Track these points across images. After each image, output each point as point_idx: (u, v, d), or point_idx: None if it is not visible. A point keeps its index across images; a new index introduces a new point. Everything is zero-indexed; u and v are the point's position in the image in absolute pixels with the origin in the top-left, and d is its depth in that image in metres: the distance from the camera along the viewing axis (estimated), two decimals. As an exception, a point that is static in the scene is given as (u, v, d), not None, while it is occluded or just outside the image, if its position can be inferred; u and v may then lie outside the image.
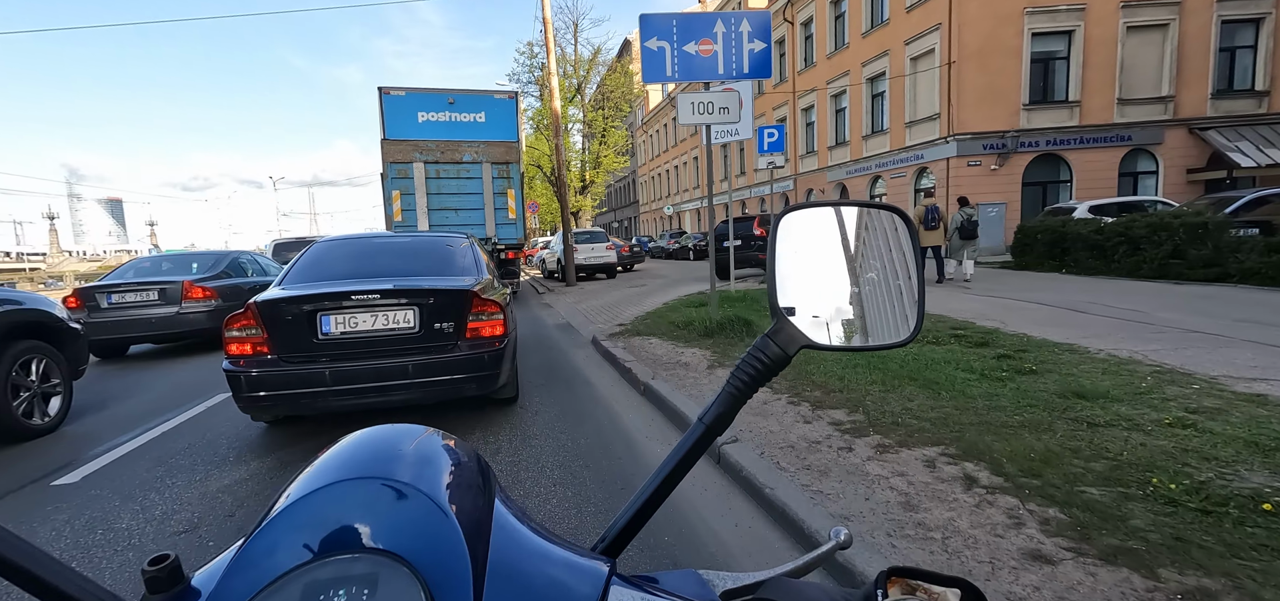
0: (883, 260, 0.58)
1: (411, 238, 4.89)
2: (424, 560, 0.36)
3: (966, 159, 18.02)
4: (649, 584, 0.44)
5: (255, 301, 3.39)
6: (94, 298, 7.15)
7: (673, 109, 44.49)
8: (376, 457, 0.45)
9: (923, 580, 0.41)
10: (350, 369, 3.37)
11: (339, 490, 0.40)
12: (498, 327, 3.68)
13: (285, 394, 3.34)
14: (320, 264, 4.06)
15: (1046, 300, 7.88)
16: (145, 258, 8.84)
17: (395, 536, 0.37)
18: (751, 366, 0.52)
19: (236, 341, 3.37)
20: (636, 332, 7.05)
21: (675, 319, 7.65)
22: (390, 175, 11.80)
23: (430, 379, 3.48)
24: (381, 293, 3.41)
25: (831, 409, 3.69)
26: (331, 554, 0.36)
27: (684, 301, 9.60)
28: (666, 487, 0.52)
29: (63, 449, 3.91)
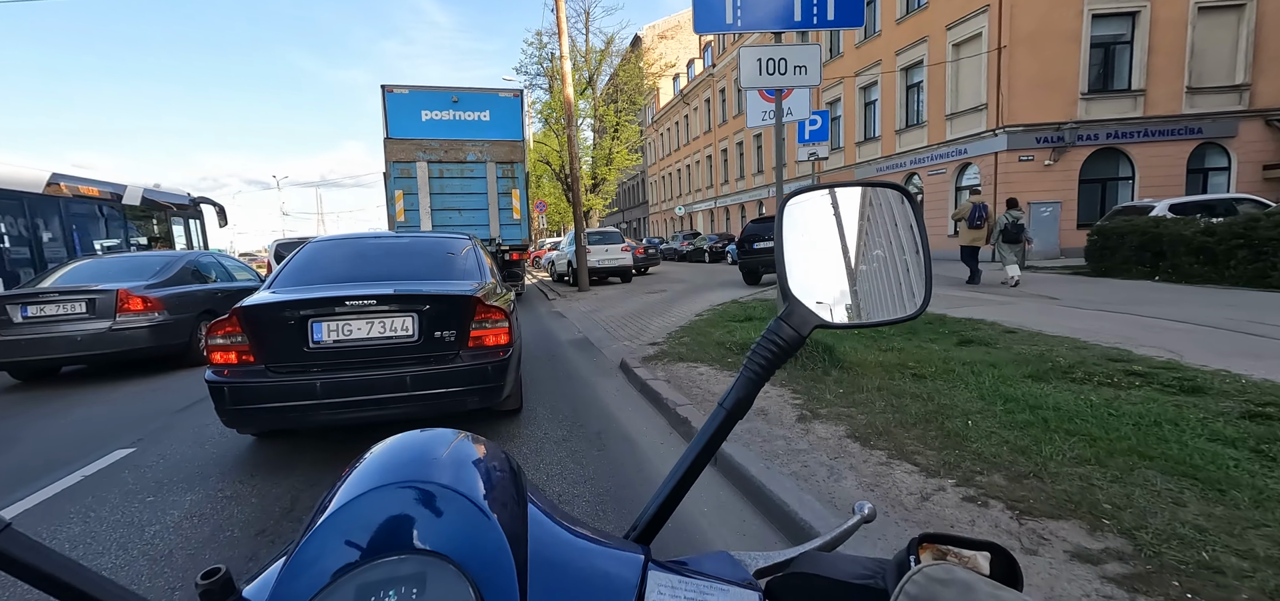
0: (888, 237, 0.59)
1: (410, 238, 4.57)
2: (469, 559, 0.37)
3: (1017, 153, 16.41)
4: (683, 568, 0.45)
5: (240, 306, 3.14)
6: (4, 310, 5.79)
7: (685, 107, 43.08)
8: (414, 462, 0.45)
9: (952, 544, 0.41)
10: (343, 380, 3.14)
11: (381, 495, 0.41)
12: (502, 336, 3.43)
13: (273, 407, 3.10)
14: (313, 266, 3.79)
15: (1180, 316, 6.33)
16: (88, 261, 7.53)
17: (440, 537, 0.38)
18: (768, 349, 0.53)
19: (220, 350, 3.12)
20: (677, 356, 5.57)
21: (720, 338, 6.17)
22: (393, 174, 11.48)
23: (430, 391, 3.24)
24: (378, 298, 3.17)
25: (1050, 518, 2.20)
26: (379, 556, 0.37)
27: (723, 313, 8.11)
28: (693, 473, 0.53)
29: None
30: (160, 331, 6.36)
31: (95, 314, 6.02)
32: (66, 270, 7.07)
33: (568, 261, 16.83)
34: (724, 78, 35.24)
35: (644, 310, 9.86)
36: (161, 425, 4.41)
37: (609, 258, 16.40)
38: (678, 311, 9.20)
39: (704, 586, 0.43)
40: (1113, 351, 4.73)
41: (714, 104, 37.41)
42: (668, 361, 5.41)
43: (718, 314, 8.11)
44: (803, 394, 4.04)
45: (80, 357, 6.13)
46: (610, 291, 14.27)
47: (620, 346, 6.67)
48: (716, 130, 37.30)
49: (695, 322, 7.54)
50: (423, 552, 0.38)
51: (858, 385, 4.11)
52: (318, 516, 0.42)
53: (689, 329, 7.10)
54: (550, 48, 23.90)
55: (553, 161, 25.83)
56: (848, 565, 0.44)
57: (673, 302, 10.37)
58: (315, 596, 0.35)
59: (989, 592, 0.32)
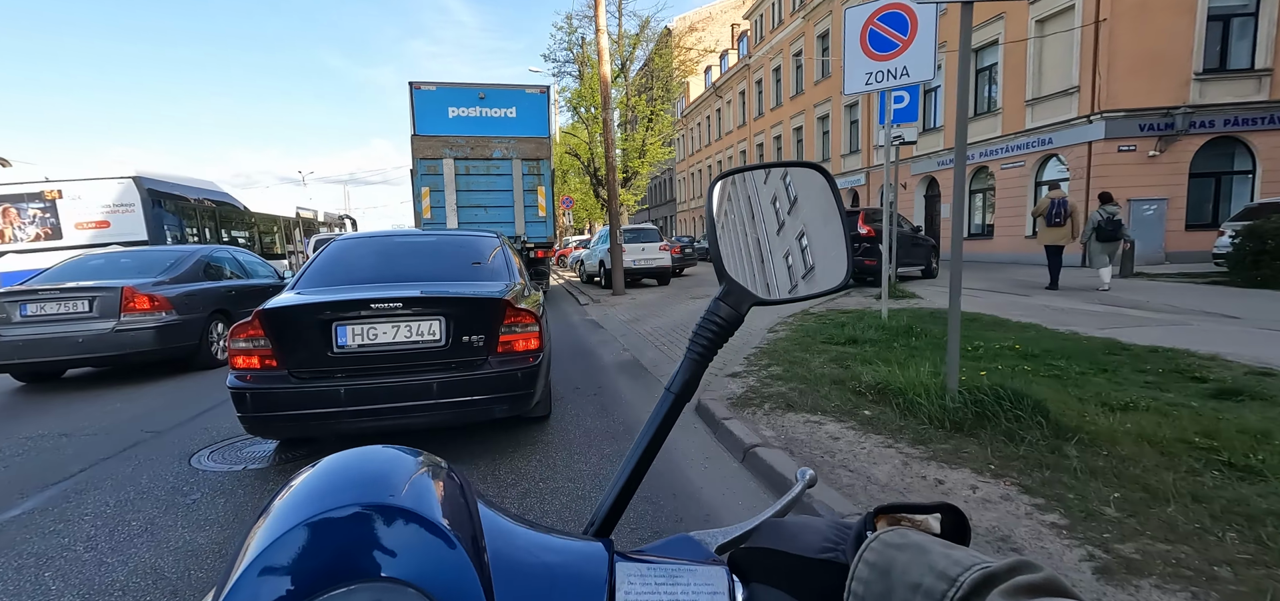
0: (810, 214, 0.61)
1: (437, 237, 4.40)
2: (428, 579, 0.34)
3: (1117, 143, 14.28)
4: (647, 555, 0.45)
5: (262, 309, 3.00)
6: (4, 308, 5.36)
7: (717, 100, 41.23)
8: (350, 484, 0.41)
9: (906, 511, 0.43)
10: (368, 387, 3.00)
11: (317, 523, 0.37)
12: (532, 341, 3.25)
13: (295, 415, 2.97)
14: (338, 266, 3.64)
15: None
16: (95, 254, 6.99)
17: (391, 561, 0.35)
18: (708, 329, 0.53)
19: (242, 353, 2.98)
20: (780, 400, 3.93)
21: (830, 372, 4.51)
22: (420, 172, 11.35)
23: (457, 399, 3.08)
24: (404, 301, 3.02)
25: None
26: (322, 592, 0.33)
27: (803, 330, 6.42)
28: (645, 462, 0.53)
29: None
30: (167, 333, 5.82)
31: (98, 313, 5.51)
32: (70, 263, 6.51)
33: (600, 261, 15.29)
34: (761, 68, 33.33)
35: (695, 321, 8.21)
36: (99, 465, 2.98)
37: (645, 257, 14.82)
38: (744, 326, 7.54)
39: (672, 568, 0.42)
40: None
41: (749, 96, 35.51)
42: (769, 409, 3.78)
43: (799, 331, 6.44)
44: (1046, 496, 2.37)
45: (82, 360, 5.64)
46: (648, 295, 12.68)
47: (686, 376, 5.08)
48: (752, 123, 35.41)
49: (775, 343, 5.89)
50: (375, 580, 0.34)
51: (1131, 479, 2.43)
52: (243, 556, 0.36)
53: (772, 353, 5.45)
54: (581, 32, 22.48)
55: (582, 153, 24.37)
56: (809, 535, 0.44)
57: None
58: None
59: (941, 550, 0.33)
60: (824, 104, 26.89)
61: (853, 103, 24.57)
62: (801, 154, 29.50)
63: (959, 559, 0.32)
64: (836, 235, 0.60)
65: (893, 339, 5.43)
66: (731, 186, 0.61)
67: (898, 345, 5.18)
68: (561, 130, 29.61)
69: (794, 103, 29.76)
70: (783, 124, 31.28)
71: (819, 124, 27.77)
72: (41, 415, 4.66)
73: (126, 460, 3.48)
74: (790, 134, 30.56)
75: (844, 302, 9.13)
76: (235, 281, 7.21)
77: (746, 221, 0.60)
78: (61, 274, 6.17)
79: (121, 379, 5.95)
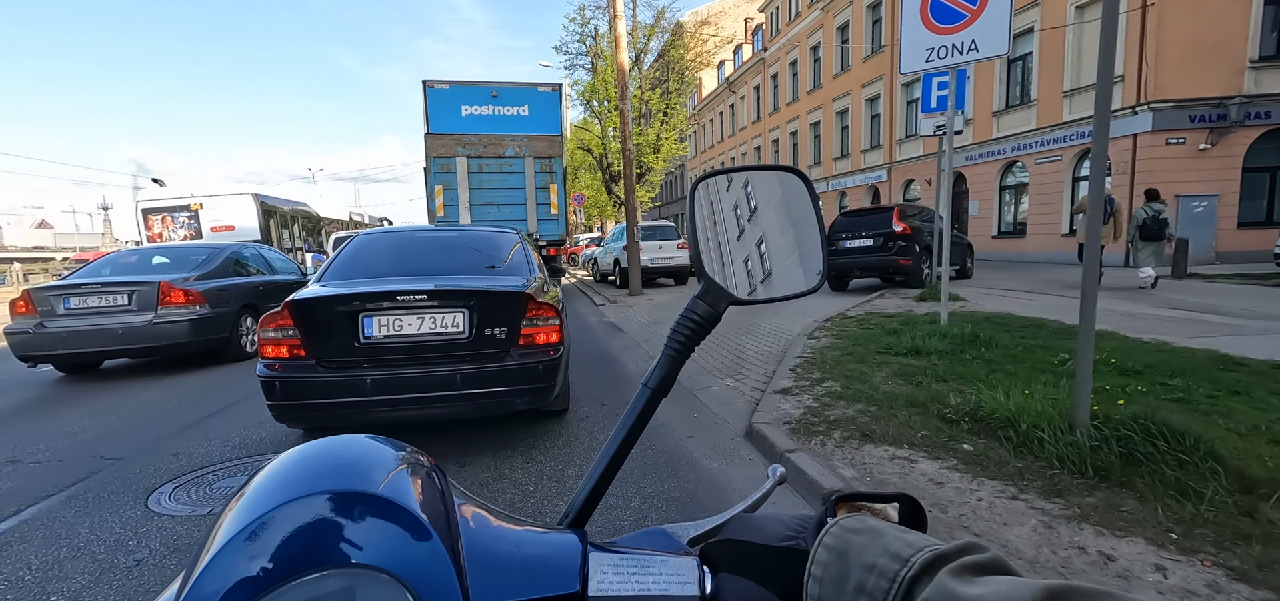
0: (787, 217, 0.62)
1: (458, 232, 4.53)
2: (402, 566, 0.34)
3: (1165, 134, 13.43)
4: (620, 546, 0.45)
5: (292, 300, 3.04)
6: (49, 301, 5.62)
7: (731, 95, 40.42)
8: (325, 471, 0.41)
9: (866, 500, 0.44)
10: (394, 377, 3.04)
11: (292, 508, 0.36)
12: (553, 334, 3.27)
13: (323, 404, 3.02)
14: (361, 260, 3.69)
15: None
16: (129, 250, 7.38)
17: (364, 548, 0.35)
18: (686, 327, 0.54)
19: (271, 343, 3.04)
20: (850, 426, 3.28)
21: (903, 391, 3.86)
22: (433, 170, 11.45)
23: (480, 390, 3.11)
24: (429, 293, 3.05)
25: None
26: (297, 576, 0.33)
27: (849, 337, 5.76)
28: (620, 456, 0.53)
29: None
30: (201, 325, 6.04)
31: (137, 306, 5.78)
32: (107, 258, 6.86)
33: (614, 259, 14.68)
34: (777, 62, 32.53)
35: (724, 325, 7.59)
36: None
37: (662, 256, 14.18)
38: (773, 329, 6.91)
39: (644, 559, 0.43)
40: None
41: (765, 91, 34.71)
42: (841, 438, 3.13)
43: (845, 338, 5.79)
44: (1273, 586, 1.72)
45: (120, 352, 5.85)
46: (666, 295, 12.04)
47: (728, 391, 4.44)
48: (767, 119, 34.63)
49: (822, 353, 5.24)
50: (348, 566, 0.34)
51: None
52: (213, 541, 0.36)
53: (822, 364, 4.80)
54: (594, 23, 21.84)
55: (594, 148, 23.76)
56: (774, 526, 0.45)
57: (758, 316, 8.07)
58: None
59: (896, 535, 0.35)
60: (842, 98, 26.07)
61: (874, 96, 23.75)
62: (820, 149, 28.71)
63: (912, 541, 0.33)
64: (814, 238, 0.61)
65: (959, 349, 4.77)
66: (713, 188, 0.62)
67: (968, 356, 4.52)
68: (573, 125, 29.08)
69: (811, 97, 28.95)
70: (799, 119, 30.49)
71: (837, 119, 26.96)
72: (5, 428, 4.12)
73: (71, 501, 2.90)
74: (807, 129, 29.77)
75: (882, 305, 8.45)
76: (261, 277, 7.34)
77: (727, 223, 0.61)
78: (100, 268, 6.38)
79: (115, 377, 5.93)
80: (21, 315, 5.62)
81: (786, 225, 0.61)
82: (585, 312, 10.39)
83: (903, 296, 9.41)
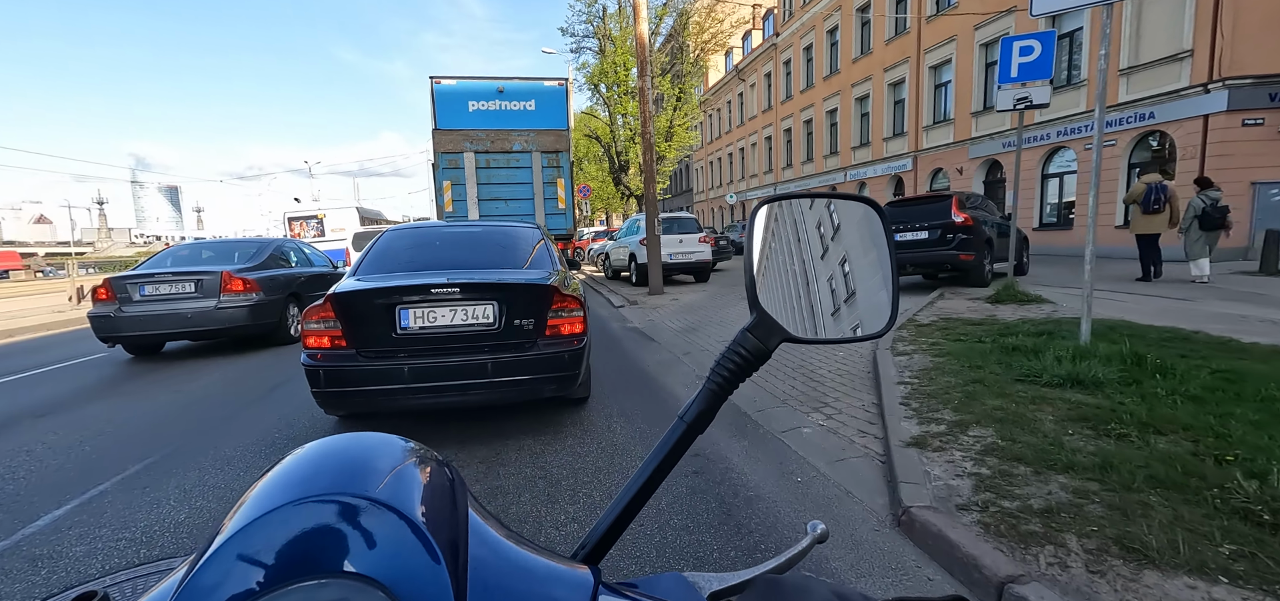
0: (858, 253, 0.59)
1: (482, 228, 4.43)
2: (398, 581, 0.33)
3: (1241, 116, 12.13)
4: (634, 590, 0.43)
5: (333, 293, 3.21)
6: (126, 289, 6.30)
7: (740, 84, 39.00)
8: (337, 471, 0.40)
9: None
10: (429, 365, 3.16)
11: (294, 510, 0.36)
12: (577, 324, 3.40)
13: (363, 391, 3.14)
14: (392, 254, 3.82)
15: None
16: (184, 245, 8.15)
17: (364, 558, 0.34)
18: (731, 362, 0.51)
19: (314, 334, 3.18)
20: (1086, 523, 2.04)
21: (1101, 446, 2.62)
22: (441, 165, 11.55)
23: (509, 378, 3.23)
24: (462, 286, 3.18)
25: None
26: (291, 581, 0.32)
27: (956, 353, 4.52)
28: (648, 491, 0.51)
29: None
30: (257, 311, 6.59)
31: (202, 293, 6.35)
32: (164, 252, 7.45)
33: (630, 254, 13.45)
34: (790, 47, 31.17)
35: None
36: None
37: (683, 251, 12.95)
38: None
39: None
40: None
41: (776, 78, 33.36)
42: (1085, 548, 1.90)
43: (948, 356, 4.57)
44: None
45: (187, 334, 6.38)
46: (691, 295, 10.82)
47: (823, 433, 3.22)
48: (779, 108, 33.29)
49: (933, 376, 4.03)
50: (344, 575, 0.33)
51: None
52: (218, 535, 0.36)
53: (942, 394, 3.58)
54: (601, 2, 20.51)
55: (603, 135, 22.48)
56: (805, 598, 0.41)
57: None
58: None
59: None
60: (863, 84, 24.73)
61: (898, 80, 22.42)
62: (836, 138, 27.41)
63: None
64: (884, 277, 0.58)
65: (1132, 377, 3.55)
66: (776, 212, 0.59)
67: (1159, 390, 3.29)
68: (578, 113, 27.87)
69: (827, 83, 27.61)
70: (814, 107, 29.14)
71: (857, 105, 25.63)
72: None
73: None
74: (823, 117, 28.43)
75: (952, 308, 7.21)
76: (301, 269, 7.90)
77: (788, 252, 0.57)
78: (162, 260, 7.09)
79: (179, 358, 6.64)
80: (103, 301, 6.23)
81: (855, 259, 0.58)
82: (605, 316, 9.17)
83: (969, 297, 8.18)
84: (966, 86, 18.99)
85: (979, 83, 18.58)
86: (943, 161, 20.51)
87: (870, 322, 0.57)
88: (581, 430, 3.57)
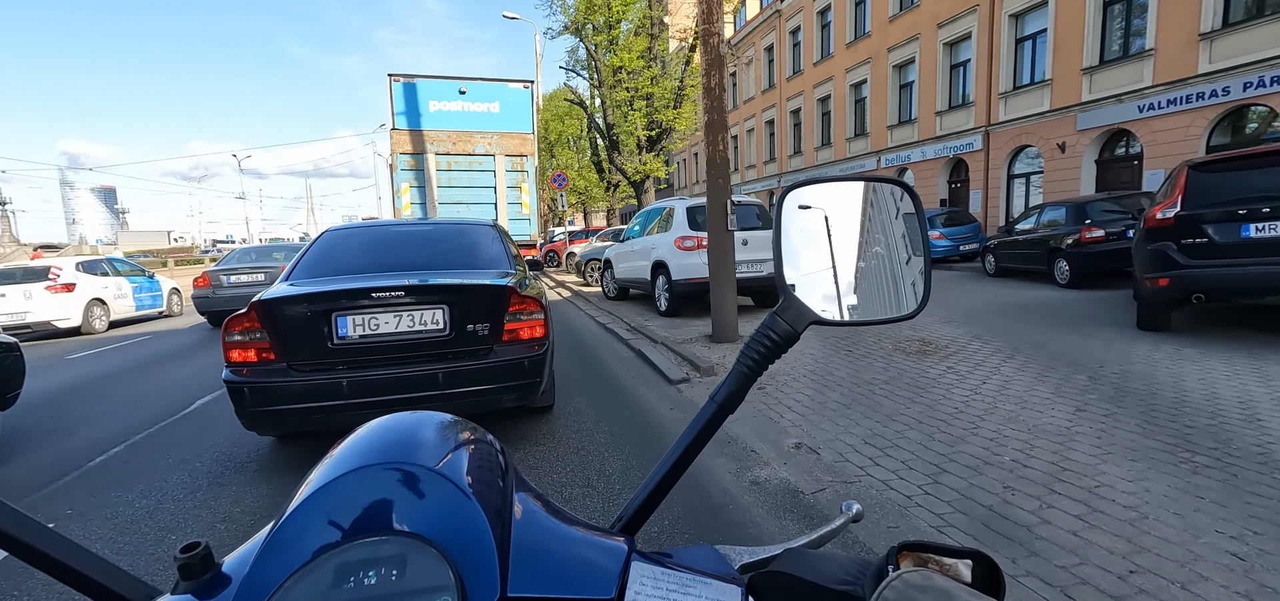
0: (888, 234, 0.59)
1: (433, 226, 4.29)
2: (450, 542, 0.37)
3: None
4: (667, 560, 0.45)
5: (259, 300, 2.90)
6: (218, 278, 9.11)
7: (734, 61, 34.14)
8: (398, 443, 0.45)
9: (934, 553, 0.41)
10: (371, 378, 2.92)
11: (365, 475, 0.41)
12: (538, 328, 3.21)
13: (295, 409, 2.86)
14: (332, 256, 3.54)
15: None
16: (252, 247, 10.30)
17: (421, 519, 0.38)
18: (761, 344, 0.52)
19: (238, 347, 2.88)
20: None
21: None
22: (400, 166, 11.56)
23: (464, 389, 3.03)
24: (407, 289, 2.93)
25: None
26: (361, 536, 0.37)
27: None
28: (681, 466, 0.52)
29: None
30: None
31: (268, 282, 8.26)
32: (238, 250, 10.48)
33: (656, 264, 8.13)
34: (799, 12, 26.38)
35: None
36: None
37: (750, 258, 7.72)
38: None
39: (686, 579, 0.42)
40: None
41: (780, 52, 28.57)
42: None
43: None
44: None
45: None
46: (792, 350, 5.56)
47: None
48: (784, 85, 28.53)
49: None
50: (404, 534, 0.37)
51: None
52: (299, 494, 0.41)
53: None
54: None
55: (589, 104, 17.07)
56: (830, 566, 0.43)
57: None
58: (294, 572, 0.35)
59: (968, 598, 0.32)
60: (905, 46, 20.05)
61: (961, 36, 17.78)
62: (865, 116, 22.71)
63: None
64: (915, 258, 0.58)
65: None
66: (804, 197, 0.59)
67: None
68: (546, 96, 23.34)
69: (851, 51, 22.89)
70: (833, 80, 24.37)
71: (895, 74, 20.96)
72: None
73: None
74: (846, 92, 23.67)
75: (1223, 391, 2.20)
76: None
77: (816, 236, 0.57)
78: (241, 257, 9.88)
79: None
80: (201, 288, 9.24)
81: (885, 241, 0.59)
82: (652, 404, 3.85)
83: (1174, 343, 3.26)
84: (1073, 35, 14.40)
85: (1093, 27, 14.00)
86: (1031, 136, 15.92)
87: (902, 304, 0.57)
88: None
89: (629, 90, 14.76)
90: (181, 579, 0.39)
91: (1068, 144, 14.79)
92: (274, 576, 0.35)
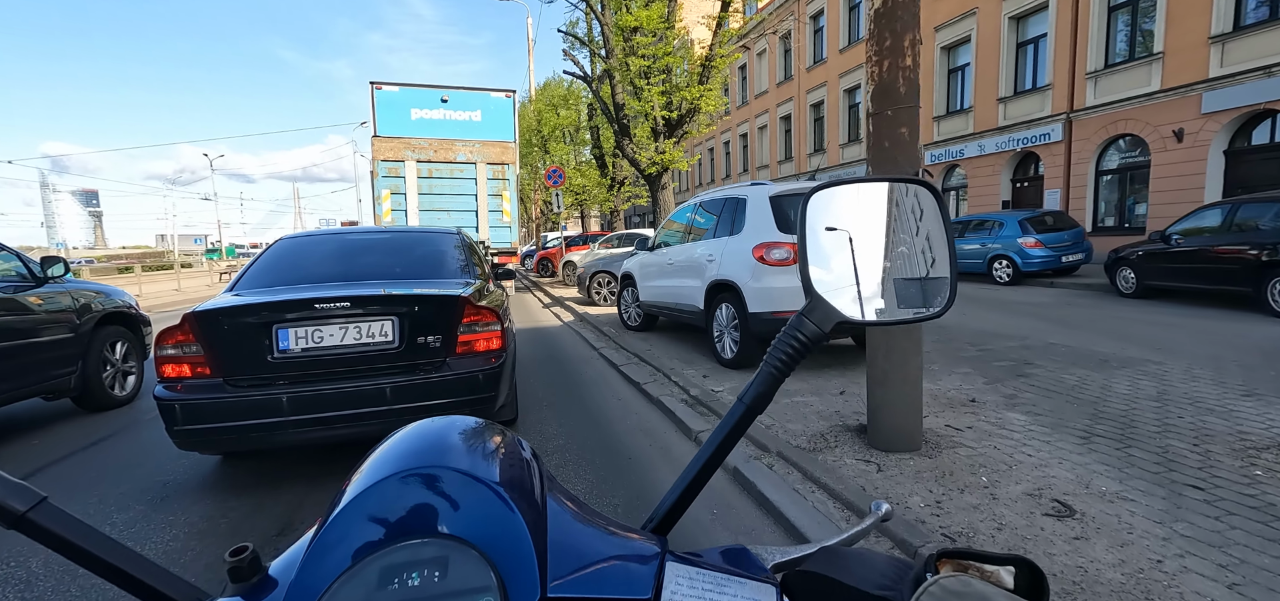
0: (913, 234, 0.59)
1: (391, 234, 4.12)
2: (490, 544, 0.37)
3: None
4: (700, 560, 0.45)
5: (193, 312, 2.74)
6: None
7: (744, 53, 31.36)
8: (436, 448, 0.45)
9: (974, 560, 0.40)
10: (314, 394, 2.74)
11: (406, 479, 0.41)
12: (494, 340, 3.08)
13: (231, 427, 2.68)
14: (281, 266, 3.41)
15: None
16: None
17: (462, 522, 0.39)
18: (788, 345, 0.51)
19: (170, 361, 2.70)
20: None
21: None
22: (381, 173, 11.36)
23: (414, 404, 2.85)
24: (352, 299, 2.78)
25: None
26: (403, 539, 0.37)
27: None
28: (712, 466, 0.52)
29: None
30: None
31: None
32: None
33: (713, 284, 5.11)
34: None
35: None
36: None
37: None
38: None
39: (721, 578, 0.42)
40: None
41: (800, 40, 25.79)
42: None
43: None
44: None
45: None
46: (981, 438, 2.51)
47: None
48: (802, 76, 25.75)
49: None
50: (446, 537, 0.38)
51: None
52: (342, 498, 0.42)
53: None
54: None
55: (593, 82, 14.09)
56: (864, 568, 0.43)
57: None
58: (340, 576, 0.36)
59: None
60: (955, 25, 17.27)
61: (1026, 11, 15.02)
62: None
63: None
64: (941, 257, 0.58)
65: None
66: (828, 198, 0.59)
67: None
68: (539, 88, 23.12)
69: (889, 33, 20.09)
70: (859, 70, 21.60)
71: (942, 58, 18.16)
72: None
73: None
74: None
75: None
76: None
77: (842, 237, 0.58)
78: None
79: None
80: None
81: (910, 242, 0.59)
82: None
83: None
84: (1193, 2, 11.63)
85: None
86: (1134, 121, 13.09)
87: (929, 303, 0.58)
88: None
89: (645, 57, 11.75)
90: (231, 582, 0.40)
91: (1186, 131, 12.00)
92: (321, 579, 0.36)
